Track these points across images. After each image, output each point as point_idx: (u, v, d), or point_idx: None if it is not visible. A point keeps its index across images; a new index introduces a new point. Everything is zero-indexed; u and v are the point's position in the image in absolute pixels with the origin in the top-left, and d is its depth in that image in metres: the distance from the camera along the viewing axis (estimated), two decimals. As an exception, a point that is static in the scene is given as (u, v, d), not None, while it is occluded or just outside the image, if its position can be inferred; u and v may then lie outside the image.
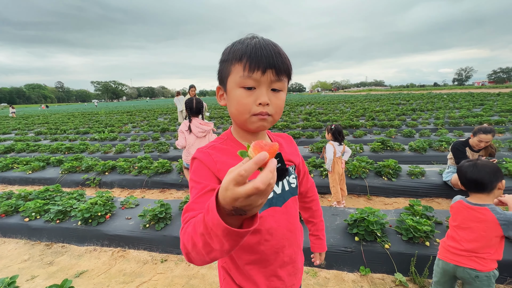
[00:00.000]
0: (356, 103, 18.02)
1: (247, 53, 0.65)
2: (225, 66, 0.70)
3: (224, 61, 0.71)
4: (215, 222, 0.45)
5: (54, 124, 14.59)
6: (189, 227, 0.55)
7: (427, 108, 12.40)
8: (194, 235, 0.52)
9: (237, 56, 0.66)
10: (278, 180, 0.77)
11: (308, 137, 7.10)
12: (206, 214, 0.48)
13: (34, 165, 5.17)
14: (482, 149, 3.07)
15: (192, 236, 0.52)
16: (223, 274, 0.85)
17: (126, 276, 2.27)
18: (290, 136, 0.95)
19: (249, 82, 0.66)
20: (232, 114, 0.73)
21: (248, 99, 0.67)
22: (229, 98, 0.71)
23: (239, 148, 0.76)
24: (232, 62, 0.68)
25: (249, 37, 0.69)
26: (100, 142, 8.24)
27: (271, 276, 0.79)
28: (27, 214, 2.98)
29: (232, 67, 0.68)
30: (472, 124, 7.57)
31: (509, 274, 1.90)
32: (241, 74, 0.66)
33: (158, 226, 2.59)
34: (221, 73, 0.73)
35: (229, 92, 0.70)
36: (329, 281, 2.07)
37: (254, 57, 0.65)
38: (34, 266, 2.47)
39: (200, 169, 0.72)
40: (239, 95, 0.68)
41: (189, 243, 0.53)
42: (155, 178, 4.30)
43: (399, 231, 2.22)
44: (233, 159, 0.73)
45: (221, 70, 0.73)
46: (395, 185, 3.56)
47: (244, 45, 0.67)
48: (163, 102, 55.79)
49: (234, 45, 0.69)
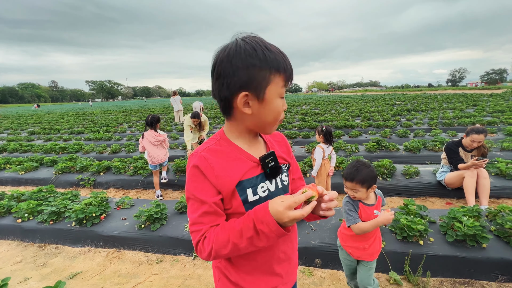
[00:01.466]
0: (352, 104, 18.14)
1: (286, 65, 0.70)
2: (260, 74, 0.67)
3: (257, 68, 0.67)
4: (273, 229, 0.65)
5: (48, 124, 14.40)
6: (222, 236, 0.69)
7: (422, 109, 12.55)
8: (236, 240, 0.67)
9: (278, 68, 0.68)
10: (273, 177, 0.80)
11: (304, 137, 7.13)
12: (260, 224, 0.65)
13: (27, 166, 5.10)
14: (474, 149, 3.12)
15: (232, 242, 0.67)
16: (218, 274, 0.86)
17: (121, 277, 2.25)
18: (282, 134, 0.96)
19: (284, 92, 0.73)
20: (265, 122, 0.74)
21: (282, 108, 0.74)
22: (267, 106, 0.71)
23: (233, 148, 0.77)
24: (271, 71, 0.68)
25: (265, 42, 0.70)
26: (95, 142, 8.16)
27: (267, 273, 0.81)
28: (20, 215, 2.93)
29: (272, 76, 0.68)
30: (465, 125, 7.68)
31: (500, 272, 1.94)
32: (282, 85, 0.71)
33: (153, 226, 2.58)
34: (253, 81, 0.67)
35: (268, 101, 0.70)
36: (325, 280, 2.08)
37: (290, 70, 0.72)
38: (27, 268, 2.44)
39: (199, 181, 0.73)
40: (278, 105, 0.72)
41: (226, 247, 0.68)
42: (150, 178, 4.27)
43: (394, 230, 2.25)
44: (229, 162, 0.74)
45: (253, 77, 0.67)
46: (390, 184, 3.60)
47: (275, 55, 0.68)
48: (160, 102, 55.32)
49: (264, 52, 0.67)
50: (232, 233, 0.68)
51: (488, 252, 1.97)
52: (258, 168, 0.78)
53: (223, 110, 0.76)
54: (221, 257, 0.71)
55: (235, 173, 0.74)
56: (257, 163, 0.78)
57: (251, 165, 0.77)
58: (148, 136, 3.78)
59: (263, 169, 0.78)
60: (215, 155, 0.74)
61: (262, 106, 0.70)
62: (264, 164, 0.77)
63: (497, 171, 3.55)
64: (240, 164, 0.75)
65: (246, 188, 0.74)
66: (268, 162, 0.78)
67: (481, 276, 1.97)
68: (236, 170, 0.74)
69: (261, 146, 0.85)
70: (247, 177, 0.75)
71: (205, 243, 0.71)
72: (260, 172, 0.78)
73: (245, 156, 0.77)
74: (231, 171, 0.73)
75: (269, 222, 0.64)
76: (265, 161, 0.77)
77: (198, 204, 0.72)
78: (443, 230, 2.20)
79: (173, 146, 6.64)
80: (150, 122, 3.81)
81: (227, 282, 0.82)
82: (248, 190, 0.75)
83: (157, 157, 3.85)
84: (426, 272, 2.00)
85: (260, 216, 0.65)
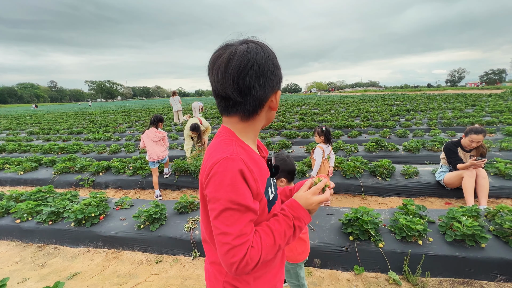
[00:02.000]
0: (351, 104, 18.16)
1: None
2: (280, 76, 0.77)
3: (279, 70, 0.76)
4: (307, 221, 0.76)
5: (47, 124, 14.37)
6: (269, 240, 0.70)
7: (421, 109, 12.57)
8: (281, 241, 0.72)
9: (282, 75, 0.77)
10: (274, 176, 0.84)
11: (303, 137, 7.13)
12: (297, 221, 0.75)
13: (26, 166, 5.09)
14: (473, 149, 3.13)
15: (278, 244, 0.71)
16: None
17: (120, 277, 2.25)
18: None
19: None
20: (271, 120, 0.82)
21: None
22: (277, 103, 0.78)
23: (250, 150, 0.75)
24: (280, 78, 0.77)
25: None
26: (94, 142, 8.15)
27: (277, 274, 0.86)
28: (19, 215, 2.93)
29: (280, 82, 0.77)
30: (464, 125, 7.70)
31: (499, 272, 1.94)
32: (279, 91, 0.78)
33: (153, 227, 2.58)
34: (280, 80, 0.77)
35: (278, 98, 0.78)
36: (324, 280, 2.08)
37: None
38: (25, 269, 2.43)
39: (243, 187, 0.67)
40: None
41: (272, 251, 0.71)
42: (150, 178, 4.27)
43: (393, 230, 2.25)
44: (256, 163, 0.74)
45: (281, 77, 0.77)
46: (389, 184, 3.60)
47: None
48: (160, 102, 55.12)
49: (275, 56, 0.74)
50: (278, 235, 0.71)
51: (487, 252, 1.98)
52: (267, 166, 0.83)
53: (251, 112, 0.73)
54: (263, 263, 0.70)
55: (263, 174, 0.75)
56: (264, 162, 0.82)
57: (265, 164, 0.81)
58: (149, 132, 3.95)
59: (269, 169, 0.82)
60: (247, 157, 0.70)
61: (276, 103, 0.78)
62: (270, 164, 0.83)
63: (496, 171, 3.55)
64: (262, 166, 0.77)
65: (267, 187, 0.77)
66: (271, 164, 0.84)
67: (480, 276, 1.97)
68: (262, 171, 0.76)
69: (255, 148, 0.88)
70: (267, 177, 0.79)
71: (252, 254, 0.66)
72: (269, 172, 0.82)
73: (257, 155, 0.79)
74: (260, 173, 0.74)
75: (304, 216, 0.75)
76: (270, 161, 0.84)
77: (240, 214, 0.66)
78: (442, 230, 2.20)
79: (172, 146, 6.63)
80: (153, 121, 4.02)
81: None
82: (269, 189, 0.78)
83: (155, 153, 3.92)
84: (425, 272, 2.00)
85: (296, 214, 0.75)
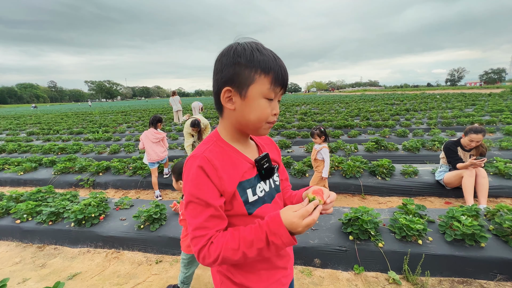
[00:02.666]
0: (351, 103, 18.16)
1: (275, 69, 0.71)
2: (244, 72, 0.70)
3: (242, 66, 0.70)
4: (286, 241, 0.68)
5: (46, 124, 14.36)
6: (232, 243, 0.69)
7: (421, 108, 12.57)
8: (246, 249, 0.68)
9: (264, 68, 0.70)
10: (267, 178, 0.83)
11: (303, 137, 7.13)
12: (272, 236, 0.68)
13: (26, 166, 5.09)
14: (473, 149, 3.13)
15: (242, 251, 0.69)
16: (220, 278, 0.86)
17: (120, 277, 2.25)
18: (270, 138, 1.01)
19: (271, 95, 0.73)
20: (248, 120, 0.74)
21: (268, 109, 0.74)
22: (248, 105, 0.72)
23: (231, 150, 0.79)
24: (257, 71, 0.70)
25: (260, 46, 0.72)
26: (94, 143, 8.14)
27: (270, 268, 0.85)
28: (19, 216, 2.93)
29: (257, 76, 0.70)
30: (464, 124, 7.70)
31: (499, 271, 1.94)
32: (268, 87, 0.71)
33: (153, 227, 2.58)
34: (237, 77, 0.70)
35: (250, 100, 0.72)
36: (324, 280, 2.08)
37: (280, 75, 0.72)
38: (26, 269, 2.43)
39: (203, 183, 0.71)
40: (263, 105, 0.73)
41: (235, 255, 0.69)
42: (150, 178, 4.26)
43: (393, 229, 2.25)
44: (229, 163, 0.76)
45: (236, 73, 0.70)
46: (389, 184, 3.61)
47: (266, 57, 0.70)
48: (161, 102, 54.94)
49: (252, 53, 0.70)
50: (243, 242, 0.69)
51: (486, 251, 1.98)
52: (254, 169, 0.81)
53: (216, 108, 0.79)
54: (226, 263, 0.71)
55: (236, 174, 0.76)
56: (252, 164, 0.81)
57: (248, 166, 0.80)
58: (148, 133, 3.94)
59: (258, 171, 0.81)
60: (216, 156, 0.75)
61: (244, 104, 0.72)
62: (259, 165, 0.81)
63: (495, 171, 3.56)
64: (239, 165, 0.78)
65: (246, 189, 0.77)
66: (263, 164, 0.81)
67: (479, 275, 1.97)
68: (236, 171, 0.76)
69: (253, 148, 0.88)
70: (246, 178, 0.78)
71: (211, 249, 0.70)
72: (256, 173, 0.81)
73: (242, 157, 0.80)
74: (232, 172, 0.75)
75: (282, 234, 0.67)
76: (260, 163, 0.81)
77: (202, 208, 0.71)
78: (442, 230, 2.21)
79: (172, 147, 6.63)
80: (151, 121, 4.02)
81: (231, 284, 0.83)
82: (248, 190, 0.77)
83: (154, 154, 3.92)
84: (425, 272, 2.01)
85: (273, 229, 0.68)
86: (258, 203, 0.80)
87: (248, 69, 0.69)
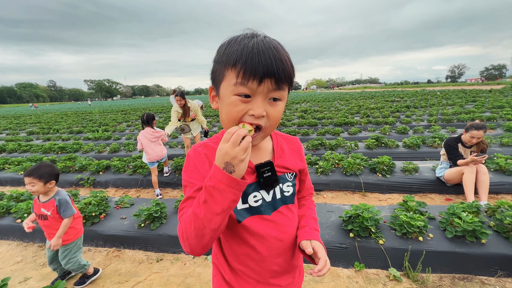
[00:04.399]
0: (351, 101, 18.11)
1: (242, 58, 0.58)
2: (218, 68, 0.65)
3: (217, 61, 0.65)
4: (219, 178, 0.56)
5: (46, 124, 14.35)
6: (187, 213, 0.63)
7: (421, 105, 12.54)
8: (196, 209, 0.60)
9: (231, 61, 0.60)
10: (268, 188, 0.75)
11: (303, 135, 7.12)
12: (208, 181, 0.58)
13: (26, 166, 5.08)
14: (474, 145, 3.12)
15: (193, 212, 0.60)
16: (214, 270, 0.86)
17: (121, 276, 2.25)
18: (297, 138, 0.89)
19: (243, 90, 0.60)
20: (223, 121, 0.68)
21: (240, 108, 0.62)
22: (221, 103, 0.67)
23: None
24: (225, 65, 0.62)
25: (248, 36, 0.62)
26: (94, 142, 8.14)
27: (262, 282, 0.78)
28: (19, 215, 2.93)
29: (226, 71, 0.62)
30: (464, 121, 7.68)
31: (499, 268, 1.94)
32: (234, 81, 0.60)
33: (153, 225, 2.58)
34: (214, 74, 0.67)
35: (222, 98, 0.66)
36: (324, 277, 2.08)
37: (249, 64, 0.58)
38: (27, 268, 2.44)
39: (191, 169, 0.73)
40: (231, 103, 0.62)
41: (190, 222, 0.60)
42: (150, 177, 4.26)
43: (393, 226, 2.25)
44: None
45: (214, 70, 0.67)
46: (390, 181, 3.60)
47: (240, 47, 0.60)
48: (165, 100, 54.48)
49: (229, 45, 0.62)
50: (194, 204, 0.61)
51: (487, 247, 1.98)
52: (253, 175, 0.73)
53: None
54: (191, 240, 0.62)
55: None
56: (252, 169, 0.73)
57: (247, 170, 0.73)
58: (145, 133, 3.88)
59: (257, 178, 0.73)
60: (211, 152, 0.73)
61: (220, 103, 0.68)
62: (259, 173, 0.72)
63: (496, 167, 3.55)
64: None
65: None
66: (263, 172, 0.72)
67: (480, 272, 1.97)
68: None
69: (265, 152, 0.79)
70: None
71: (179, 226, 0.66)
72: (254, 180, 0.73)
73: None
74: None
75: (215, 172, 0.57)
76: (259, 170, 0.72)
77: (189, 189, 0.70)
78: (443, 226, 2.20)
79: (172, 145, 6.62)
80: (146, 120, 3.92)
81: (222, 280, 0.82)
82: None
83: (154, 153, 3.89)
84: (425, 268, 2.01)
85: (212, 171, 0.58)
86: (248, 213, 0.73)
87: (219, 64, 0.64)
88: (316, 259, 0.73)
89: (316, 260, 0.73)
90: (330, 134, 6.96)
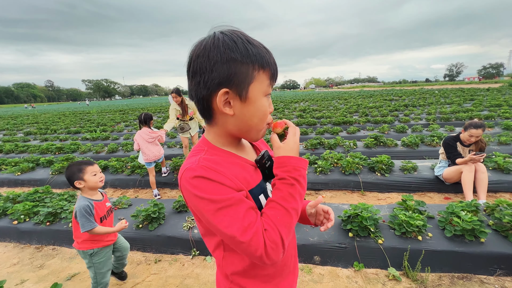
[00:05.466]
0: (350, 100, 18.12)
1: (270, 61, 0.63)
2: (242, 70, 0.60)
3: (238, 62, 0.59)
4: (303, 165, 0.67)
5: (44, 124, 14.28)
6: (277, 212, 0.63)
7: (419, 104, 12.55)
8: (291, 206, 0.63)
9: (261, 63, 0.61)
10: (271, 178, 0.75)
11: (302, 134, 7.11)
12: (293, 171, 0.65)
13: (23, 166, 5.05)
14: (472, 144, 3.12)
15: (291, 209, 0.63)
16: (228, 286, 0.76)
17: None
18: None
19: (269, 90, 0.66)
20: (251, 125, 0.65)
21: (268, 108, 0.67)
22: (251, 107, 0.63)
23: (227, 155, 0.69)
24: (254, 67, 0.61)
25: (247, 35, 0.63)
26: (92, 142, 8.09)
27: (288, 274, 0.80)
28: (16, 216, 2.90)
29: (256, 73, 0.61)
30: (463, 119, 7.69)
31: (498, 266, 1.94)
32: (267, 83, 0.64)
33: (151, 226, 2.56)
34: (236, 76, 0.60)
35: (253, 101, 0.63)
36: (324, 277, 2.07)
37: (275, 67, 0.65)
38: (23, 270, 2.41)
39: (216, 187, 0.60)
40: (264, 105, 0.65)
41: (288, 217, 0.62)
42: (148, 177, 4.24)
43: (392, 226, 2.24)
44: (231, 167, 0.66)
45: (234, 72, 0.59)
46: (388, 180, 3.60)
47: (259, 50, 0.62)
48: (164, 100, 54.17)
49: (245, 46, 0.60)
50: (284, 201, 0.63)
51: (486, 246, 1.98)
52: (257, 172, 0.73)
53: (203, 113, 0.68)
54: (287, 239, 0.61)
55: (243, 176, 0.67)
56: (254, 166, 0.73)
57: (252, 169, 0.72)
58: (142, 133, 3.82)
59: (261, 171, 0.74)
60: (214, 163, 0.63)
61: (246, 107, 0.63)
62: (261, 165, 0.73)
63: (494, 165, 3.55)
64: (242, 168, 0.69)
65: (258, 195, 0.69)
66: (265, 163, 0.73)
67: (479, 271, 1.97)
68: (242, 173, 0.67)
69: (249, 149, 0.79)
70: (256, 184, 0.70)
71: (272, 237, 0.59)
72: (260, 175, 0.74)
73: (242, 160, 0.71)
74: (240, 175, 0.66)
75: (299, 161, 0.66)
76: (261, 162, 0.72)
77: (233, 208, 0.58)
78: (442, 225, 2.20)
79: (170, 145, 6.60)
80: (144, 120, 3.86)
81: None
82: (260, 196, 0.70)
83: (151, 154, 3.85)
84: (425, 268, 2.00)
85: (291, 166, 0.66)
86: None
87: (245, 66, 0.60)
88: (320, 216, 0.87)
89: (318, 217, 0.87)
90: (328, 133, 6.95)
